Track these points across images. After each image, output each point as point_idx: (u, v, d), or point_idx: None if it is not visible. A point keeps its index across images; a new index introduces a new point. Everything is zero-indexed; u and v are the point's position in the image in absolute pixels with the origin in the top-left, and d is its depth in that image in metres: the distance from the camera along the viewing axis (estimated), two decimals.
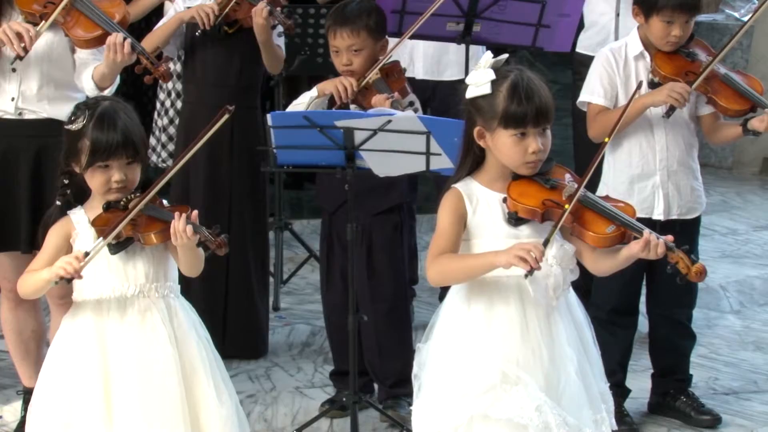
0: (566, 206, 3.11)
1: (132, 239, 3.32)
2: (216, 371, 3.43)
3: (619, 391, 4.44)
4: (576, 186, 3.16)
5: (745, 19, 7.69)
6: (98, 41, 4.13)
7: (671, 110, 4.19)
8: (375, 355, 4.52)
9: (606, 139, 3.28)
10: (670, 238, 3.15)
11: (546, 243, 3.07)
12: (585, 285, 4.21)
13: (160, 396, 3.32)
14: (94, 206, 3.39)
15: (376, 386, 4.62)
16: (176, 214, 3.27)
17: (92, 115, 3.36)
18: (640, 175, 4.32)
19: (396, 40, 4.48)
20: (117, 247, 3.32)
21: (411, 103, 4.30)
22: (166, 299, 3.42)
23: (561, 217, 3.10)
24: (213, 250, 3.28)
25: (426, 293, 5.64)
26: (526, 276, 3.04)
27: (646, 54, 4.29)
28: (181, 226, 3.24)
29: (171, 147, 6.09)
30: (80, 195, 3.44)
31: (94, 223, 3.34)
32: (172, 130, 6.09)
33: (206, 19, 4.75)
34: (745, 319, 5.67)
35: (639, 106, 4.18)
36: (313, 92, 4.34)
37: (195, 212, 3.30)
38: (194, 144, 3.35)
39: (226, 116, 3.30)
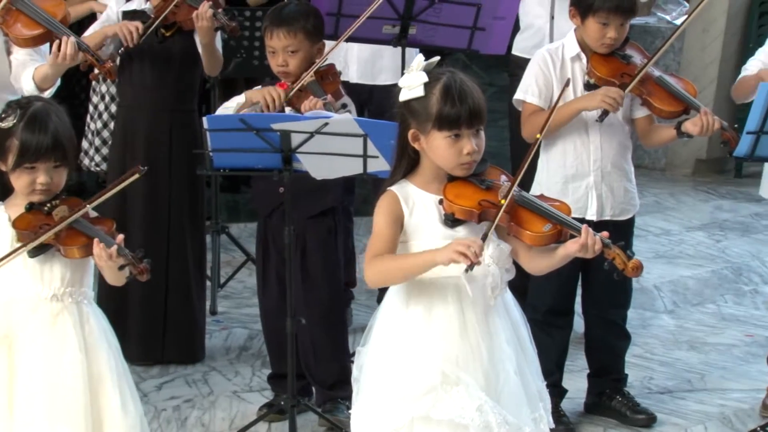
0: (502, 202, 3.12)
1: (52, 246, 3.29)
2: (123, 380, 3.41)
3: (556, 391, 4.47)
4: (511, 185, 3.18)
5: (677, 22, 7.81)
6: (39, 40, 4.08)
7: (605, 115, 4.23)
8: (311, 358, 4.51)
9: (538, 135, 3.30)
10: (605, 234, 3.18)
11: (484, 238, 3.08)
12: (522, 285, 4.23)
13: (65, 401, 3.29)
14: (16, 204, 3.35)
15: (314, 389, 4.61)
16: (96, 241, 3.24)
17: (23, 115, 3.31)
18: (574, 175, 4.36)
19: (332, 42, 4.48)
20: (36, 251, 3.29)
21: (344, 106, 4.30)
22: (79, 305, 3.39)
23: (497, 215, 3.11)
24: (135, 275, 3.26)
25: (364, 296, 5.64)
26: (466, 271, 3.05)
27: (583, 56, 4.33)
28: (104, 254, 3.22)
29: (105, 151, 6.04)
30: (2, 191, 3.40)
31: (15, 224, 3.30)
32: (105, 133, 6.03)
33: (129, 37, 4.71)
34: (678, 318, 5.74)
35: (572, 109, 4.22)
36: (241, 98, 4.33)
37: (121, 236, 3.28)
38: (102, 194, 3.32)
39: (136, 176, 3.29)
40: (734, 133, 4.23)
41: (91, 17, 5.47)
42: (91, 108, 6.16)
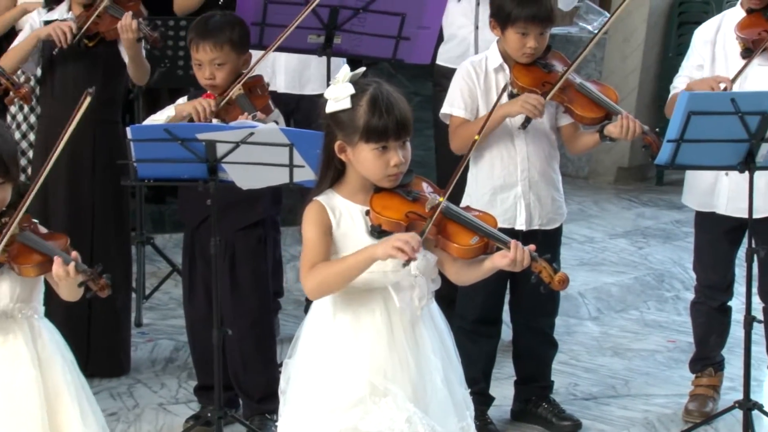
0: (429, 218, 3.13)
1: (4, 265, 3.24)
2: (82, 394, 3.36)
3: (483, 399, 4.50)
4: (438, 198, 3.19)
5: (600, 34, 7.90)
6: None
7: (527, 121, 4.27)
8: (239, 370, 4.49)
9: (476, 137, 3.33)
10: (532, 247, 3.20)
11: (422, 234, 3.07)
12: (449, 295, 4.25)
13: (22, 419, 3.24)
14: None
15: (241, 401, 4.59)
16: (56, 259, 3.18)
17: None
18: (503, 185, 4.39)
19: (259, 53, 4.47)
20: None
21: (275, 123, 4.28)
22: (30, 320, 3.34)
23: (426, 228, 3.12)
24: (95, 291, 3.22)
25: (291, 306, 5.63)
26: (404, 266, 3.05)
27: (506, 66, 4.36)
28: (62, 272, 3.17)
29: (23, 162, 5.95)
30: None
31: None
32: (24, 144, 5.95)
33: (63, 38, 4.66)
34: (602, 325, 5.80)
35: (497, 116, 4.25)
36: (171, 111, 4.30)
37: (75, 252, 3.23)
38: (63, 135, 3.28)
39: (89, 99, 3.24)
40: (655, 137, 4.30)
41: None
42: (8, 118, 6.07)
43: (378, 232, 3.18)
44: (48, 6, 4.88)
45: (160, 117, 4.30)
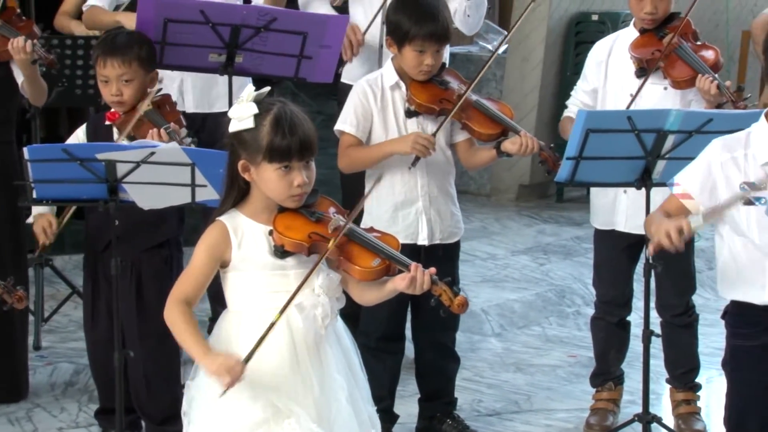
0: (331, 241, 3.13)
1: None
2: None
3: (388, 417, 4.50)
4: (342, 219, 3.19)
5: (499, 51, 8.00)
6: None
7: (416, 160, 4.30)
8: (143, 392, 4.43)
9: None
10: (433, 270, 3.21)
11: (247, 360, 3.08)
12: (353, 313, 4.25)
13: None
14: None
15: (143, 423, 4.53)
16: None
17: None
18: (404, 202, 4.41)
19: (166, 72, 4.43)
20: None
21: (189, 135, 4.26)
22: None
23: (326, 251, 3.12)
24: (11, 304, 3.15)
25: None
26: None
27: (402, 84, 4.39)
28: None
29: None
30: None
31: None
32: None
33: None
34: (505, 341, 5.85)
35: (385, 152, 4.29)
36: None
37: None
38: None
39: None
40: (552, 153, 4.36)
41: None
42: None
43: (281, 252, 3.17)
44: None
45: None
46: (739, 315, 3.45)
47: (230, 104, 4.83)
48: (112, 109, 4.30)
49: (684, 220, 3.24)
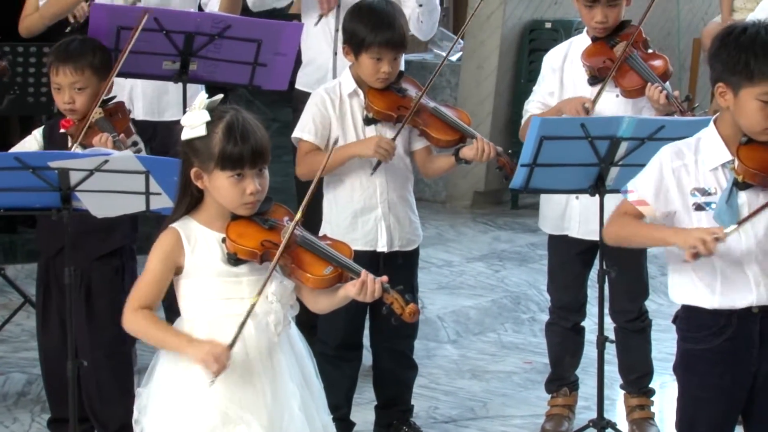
0: (281, 246, 3.13)
1: None
2: None
3: (344, 425, 4.50)
4: (299, 228, 3.19)
5: (453, 58, 8.04)
6: None
7: (377, 165, 4.31)
8: (96, 401, 4.40)
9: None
10: (385, 279, 3.22)
11: (232, 345, 3.08)
12: (310, 321, 4.25)
13: None
14: None
15: None
16: None
17: None
18: (363, 209, 4.42)
19: (120, 79, 4.40)
20: None
21: (135, 143, 4.24)
22: None
23: (276, 258, 3.12)
24: None
25: None
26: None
27: (360, 91, 4.40)
28: None
29: None
30: None
31: None
32: None
33: None
34: (461, 348, 5.87)
35: (347, 154, 4.30)
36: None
37: None
38: None
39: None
40: (509, 159, 4.39)
41: None
42: None
43: (234, 260, 3.17)
44: None
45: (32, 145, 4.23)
46: (689, 319, 3.48)
47: (184, 112, 4.81)
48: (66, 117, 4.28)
49: (719, 229, 3.26)
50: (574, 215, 4.65)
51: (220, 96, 3.20)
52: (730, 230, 3.26)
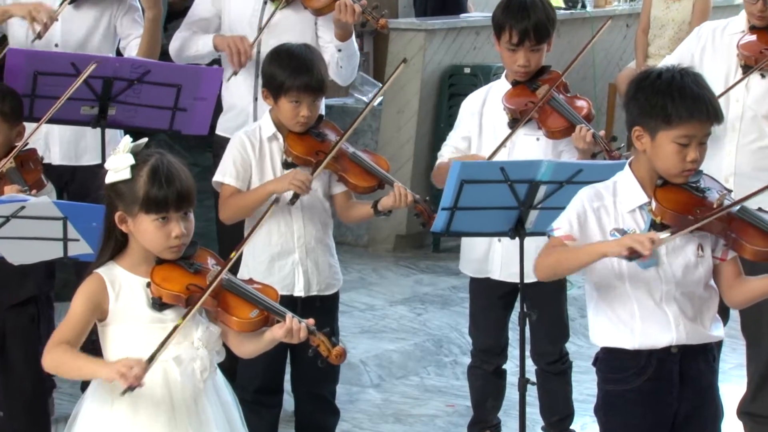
0: (206, 289, 3.11)
1: None
2: None
3: None
4: (219, 269, 3.17)
5: (374, 103, 8.06)
6: None
7: (295, 197, 4.31)
8: None
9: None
10: (311, 321, 3.22)
11: (151, 360, 3.04)
12: (231, 366, 4.21)
13: None
14: None
15: None
16: None
17: None
18: (280, 253, 4.40)
19: (33, 125, 4.35)
20: None
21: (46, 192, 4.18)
22: None
23: (201, 299, 3.10)
24: None
25: (67, 384, 5.43)
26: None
27: (279, 135, 4.41)
28: None
29: None
30: None
31: None
32: None
33: None
34: (384, 392, 5.85)
35: (263, 193, 4.29)
36: None
37: None
38: None
39: None
40: (427, 206, 4.41)
41: None
42: None
43: (159, 304, 3.14)
44: None
45: None
46: (610, 360, 3.51)
47: (102, 157, 4.77)
48: None
49: (654, 233, 3.29)
50: (497, 258, 4.68)
51: (145, 140, 3.19)
52: (665, 236, 3.30)
